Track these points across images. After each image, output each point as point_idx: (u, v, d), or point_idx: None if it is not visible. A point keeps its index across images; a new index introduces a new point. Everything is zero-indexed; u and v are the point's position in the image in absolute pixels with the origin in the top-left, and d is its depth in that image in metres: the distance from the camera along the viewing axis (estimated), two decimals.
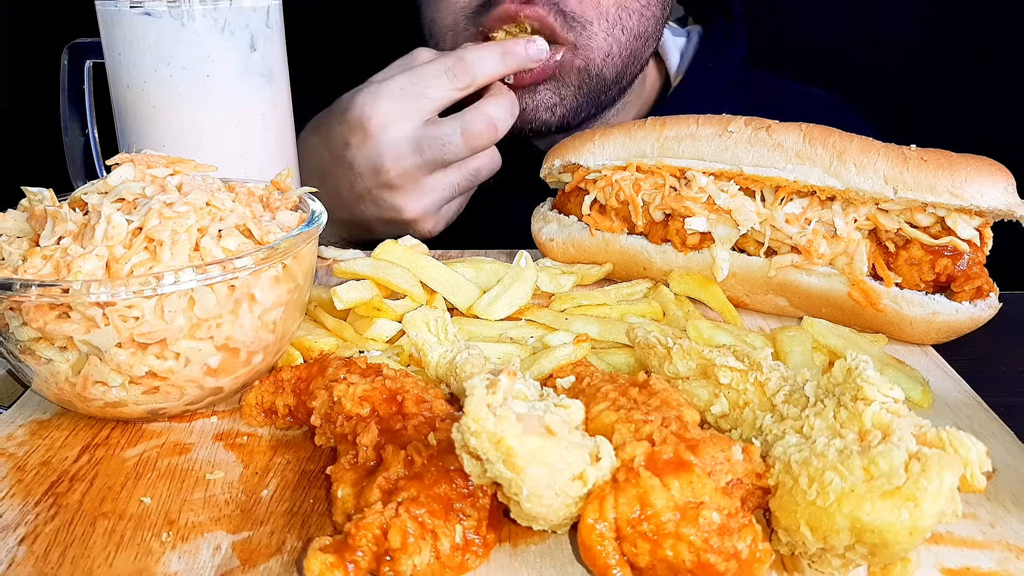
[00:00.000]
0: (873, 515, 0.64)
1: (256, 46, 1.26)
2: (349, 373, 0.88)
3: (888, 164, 1.11)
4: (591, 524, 0.67)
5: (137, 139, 1.28)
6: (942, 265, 1.11)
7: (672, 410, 0.77)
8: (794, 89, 1.95)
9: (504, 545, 0.76)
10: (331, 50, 2.11)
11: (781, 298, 1.22)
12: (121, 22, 1.21)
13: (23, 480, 0.86)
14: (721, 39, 1.91)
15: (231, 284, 0.89)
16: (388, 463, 0.75)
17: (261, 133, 1.32)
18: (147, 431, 0.95)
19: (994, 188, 1.08)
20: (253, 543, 0.76)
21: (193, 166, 0.99)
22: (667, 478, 0.68)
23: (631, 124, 1.32)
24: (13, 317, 0.87)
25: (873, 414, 0.72)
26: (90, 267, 0.85)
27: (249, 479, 0.86)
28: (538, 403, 0.72)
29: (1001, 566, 0.73)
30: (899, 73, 2.28)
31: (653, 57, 1.85)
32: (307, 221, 1.00)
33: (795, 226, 1.17)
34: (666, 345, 0.92)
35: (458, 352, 0.92)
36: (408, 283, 1.17)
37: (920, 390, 0.99)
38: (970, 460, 0.69)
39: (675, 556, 0.65)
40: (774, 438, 0.77)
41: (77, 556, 0.75)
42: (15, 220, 0.94)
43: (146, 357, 0.87)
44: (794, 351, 1.06)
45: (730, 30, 1.92)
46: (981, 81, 2.27)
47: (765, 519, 0.75)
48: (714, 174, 1.23)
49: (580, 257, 1.38)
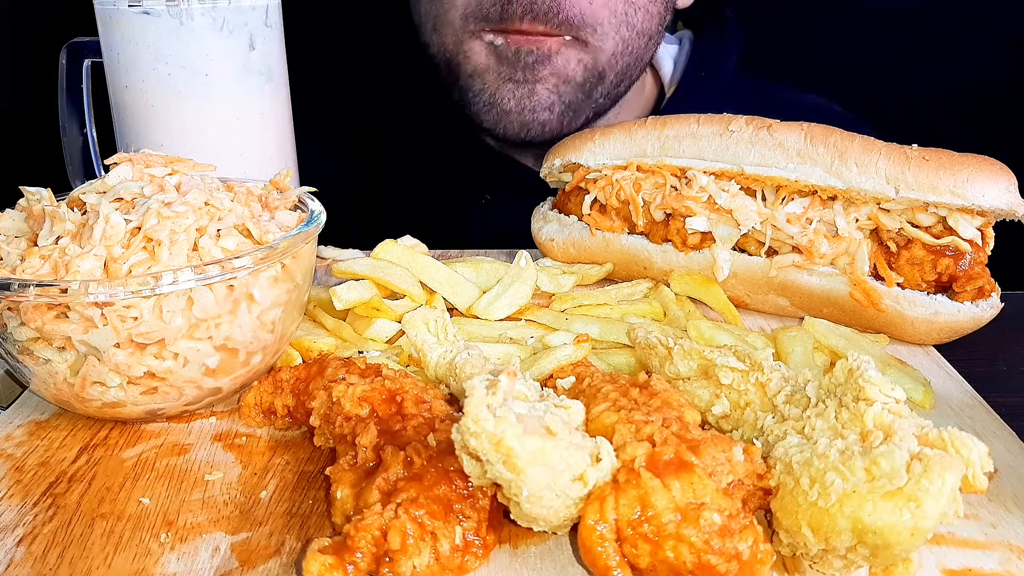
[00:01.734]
0: (875, 516, 0.64)
1: (255, 45, 1.26)
2: (348, 373, 0.87)
3: (890, 163, 1.11)
4: (591, 525, 0.67)
5: (136, 138, 1.28)
6: (944, 265, 1.11)
7: (673, 411, 0.77)
8: (791, 97, 1.93)
9: (504, 546, 0.75)
10: (330, 50, 2.11)
11: (782, 298, 1.22)
12: (120, 21, 1.20)
13: (21, 481, 0.85)
14: (713, 45, 1.89)
15: (230, 284, 0.89)
16: (387, 464, 0.74)
17: (260, 132, 1.31)
18: (145, 432, 0.94)
19: (996, 188, 1.07)
20: (252, 544, 0.76)
21: (192, 166, 0.99)
22: (668, 479, 0.67)
23: (631, 123, 1.32)
24: (11, 317, 0.87)
25: (875, 415, 0.72)
26: (88, 267, 0.84)
27: (248, 480, 0.85)
28: (538, 404, 0.72)
29: (1003, 567, 0.73)
30: (900, 79, 2.28)
31: (648, 65, 1.84)
32: (306, 221, 0.99)
33: (796, 226, 1.17)
34: (667, 345, 0.92)
35: (458, 352, 0.92)
36: (407, 283, 1.17)
37: (922, 390, 0.99)
38: (972, 461, 0.69)
39: (676, 557, 0.65)
40: (775, 439, 0.77)
41: (75, 557, 0.75)
42: (13, 220, 0.94)
43: (144, 357, 0.87)
44: (795, 351, 1.06)
45: (721, 35, 1.90)
46: (982, 86, 2.27)
47: (766, 520, 0.75)
48: (715, 173, 1.23)
49: (580, 257, 1.37)
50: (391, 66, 1.99)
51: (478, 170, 1.85)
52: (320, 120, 1.81)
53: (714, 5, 1.94)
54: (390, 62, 2.01)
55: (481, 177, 1.85)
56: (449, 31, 1.62)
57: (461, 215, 1.86)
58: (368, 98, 1.98)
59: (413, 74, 1.90)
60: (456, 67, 1.64)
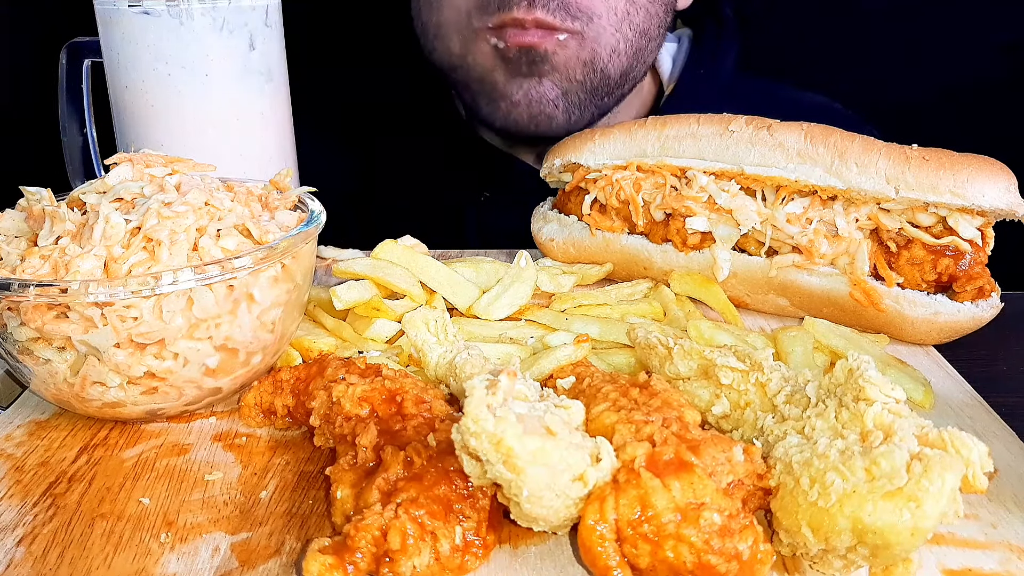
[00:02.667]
0: (875, 516, 0.64)
1: (255, 45, 1.26)
2: (348, 373, 0.87)
3: (890, 163, 1.11)
4: (591, 525, 0.67)
5: (135, 138, 1.28)
6: (944, 265, 1.11)
7: (673, 411, 0.77)
8: (791, 96, 1.93)
9: (504, 546, 0.75)
10: (331, 50, 2.11)
11: (782, 298, 1.22)
12: (120, 21, 1.20)
13: (21, 481, 0.85)
14: (712, 44, 1.89)
15: (230, 284, 0.89)
16: (387, 464, 0.74)
17: (260, 132, 1.31)
18: (145, 432, 0.94)
19: (996, 188, 1.07)
20: (252, 544, 0.76)
21: (192, 165, 0.99)
22: (668, 479, 0.67)
23: (631, 123, 1.32)
24: (11, 317, 0.87)
25: (875, 415, 0.72)
26: (88, 267, 0.84)
27: (248, 480, 0.85)
28: (538, 404, 0.72)
29: (1003, 567, 0.73)
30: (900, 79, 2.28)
31: (651, 66, 1.84)
32: (306, 221, 0.99)
33: (796, 226, 1.17)
34: (667, 345, 0.92)
35: (458, 352, 0.92)
36: (407, 283, 1.17)
37: (922, 390, 0.99)
38: (972, 461, 0.69)
39: (676, 557, 0.65)
40: (775, 439, 0.77)
41: (75, 557, 0.74)
42: (13, 220, 0.94)
43: (144, 357, 0.87)
44: (795, 351, 1.06)
45: (720, 34, 1.90)
46: (982, 86, 2.27)
47: (766, 520, 0.75)
48: (715, 173, 1.23)
49: (580, 257, 1.37)
50: (391, 66, 1.99)
51: (478, 170, 1.85)
52: (320, 120, 1.81)
53: (713, 4, 1.94)
54: (390, 62, 2.01)
55: (481, 177, 1.85)
56: (453, 37, 1.63)
57: (461, 215, 1.86)
58: (368, 98, 1.98)
59: (413, 74, 1.91)
60: (465, 71, 1.65)
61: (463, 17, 1.60)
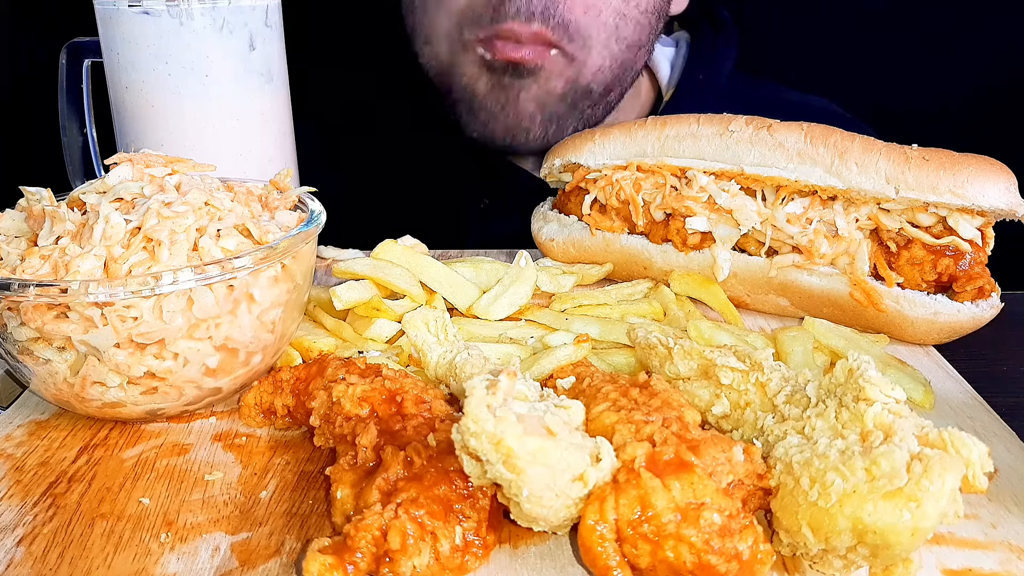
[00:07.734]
0: (875, 516, 0.64)
1: (255, 45, 1.26)
2: (348, 373, 0.87)
3: (890, 164, 1.11)
4: (591, 525, 0.67)
5: (135, 138, 1.28)
6: (944, 265, 1.11)
7: (673, 411, 0.77)
8: (791, 98, 1.92)
9: (504, 546, 0.75)
10: (330, 50, 2.11)
11: (782, 298, 1.22)
12: (120, 21, 1.20)
13: (21, 481, 0.85)
14: (709, 47, 1.88)
15: (230, 284, 0.89)
16: (387, 464, 0.74)
17: (260, 132, 1.31)
18: (145, 432, 0.94)
19: (996, 188, 1.07)
20: (252, 544, 0.76)
21: (192, 165, 0.99)
22: (668, 479, 0.67)
23: (631, 123, 1.32)
24: (11, 317, 0.87)
25: (875, 415, 0.72)
26: (88, 267, 0.84)
27: (248, 480, 0.85)
28: (538, 404, 0.72)
29: (1003, 567, 0.73)
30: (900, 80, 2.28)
31: (644, 69, 1.83)
32: (306, 221, 0.99)
33: (796, 226, 1.17)
34: (667, 345, 0.92)
35: (458, 352, 0.92)
36: (407, 283, 1.17)
37: (922, 390, 0.99)
38: (972, 461, 0.69)
39: (676, 557, 0.65)
40: (775, 439, 0.77)
41: (75, 557, 0.74)
42: (13, 220, 0.94)
43: (144, 357, 0.87)
44: (795, 351, 1.06)
45: (717, 37, 1.89)
46: (982, 86, 2.27)
47: (766, 520, 0.75)
48: (715, 173, 1.23)
49: (580, 257, 1.37)
50: (391, 66, 1.99)
51: (477, 174, 1.85)
52: (320, 120, 1.81)
53: (710, 7, 1.94)
54: (390, 62, 2.01)
55: (480, 181, 1.85)
56: (442, 44, 1.63)
57: (459, 219, 1.86)
58: (368, 98, 1.98)
59: (412, 75, 1.90)
60: (448, 78, 1.65)
61: (454, 25, 1.59)
